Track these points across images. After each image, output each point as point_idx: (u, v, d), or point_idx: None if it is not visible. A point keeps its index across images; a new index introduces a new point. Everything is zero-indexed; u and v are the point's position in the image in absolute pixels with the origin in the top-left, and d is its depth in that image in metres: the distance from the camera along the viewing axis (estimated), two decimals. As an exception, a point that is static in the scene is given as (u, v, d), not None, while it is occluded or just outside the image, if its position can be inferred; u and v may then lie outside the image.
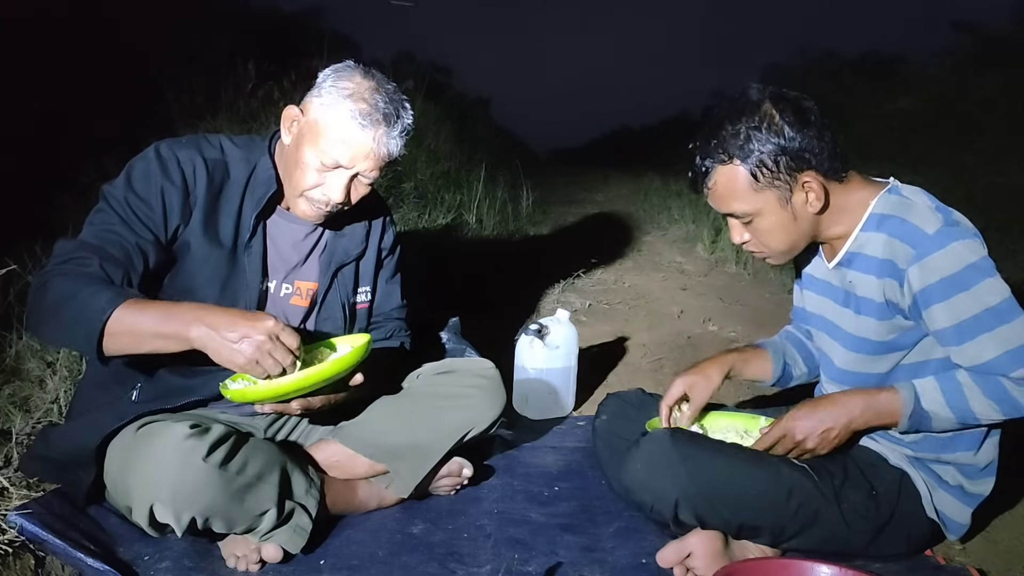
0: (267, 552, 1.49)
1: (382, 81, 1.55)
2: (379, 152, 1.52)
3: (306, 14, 7.22)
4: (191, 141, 1.57)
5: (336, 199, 1.54)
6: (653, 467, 1.47)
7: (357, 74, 1.53)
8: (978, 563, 1.60)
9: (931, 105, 6.97)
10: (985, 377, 1.37)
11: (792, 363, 1.78)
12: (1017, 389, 1.35)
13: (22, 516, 1.45)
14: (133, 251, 1.44)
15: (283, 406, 1.46)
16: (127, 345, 1.33)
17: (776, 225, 1.46)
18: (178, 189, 1.50)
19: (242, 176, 1.58)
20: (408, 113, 1.56)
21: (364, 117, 1.49)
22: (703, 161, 1.45)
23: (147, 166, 1.50)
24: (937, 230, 1.36)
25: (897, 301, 1.43)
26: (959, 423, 1.41)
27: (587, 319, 3.18)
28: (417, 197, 4.12)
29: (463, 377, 1.77)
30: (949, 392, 1.39)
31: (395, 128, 1.53)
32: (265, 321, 1.33)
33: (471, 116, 7.18)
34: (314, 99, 1.53)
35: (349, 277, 1.72)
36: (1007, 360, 1.34)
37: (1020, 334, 1.34)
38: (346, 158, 1.50)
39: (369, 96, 1.50)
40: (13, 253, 1.98)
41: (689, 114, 12.05)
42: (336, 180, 1.53)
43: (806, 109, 1.41)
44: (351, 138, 1.49)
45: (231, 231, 1.56)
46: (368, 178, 1.55)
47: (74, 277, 1.35)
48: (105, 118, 3.69)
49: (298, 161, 1.53)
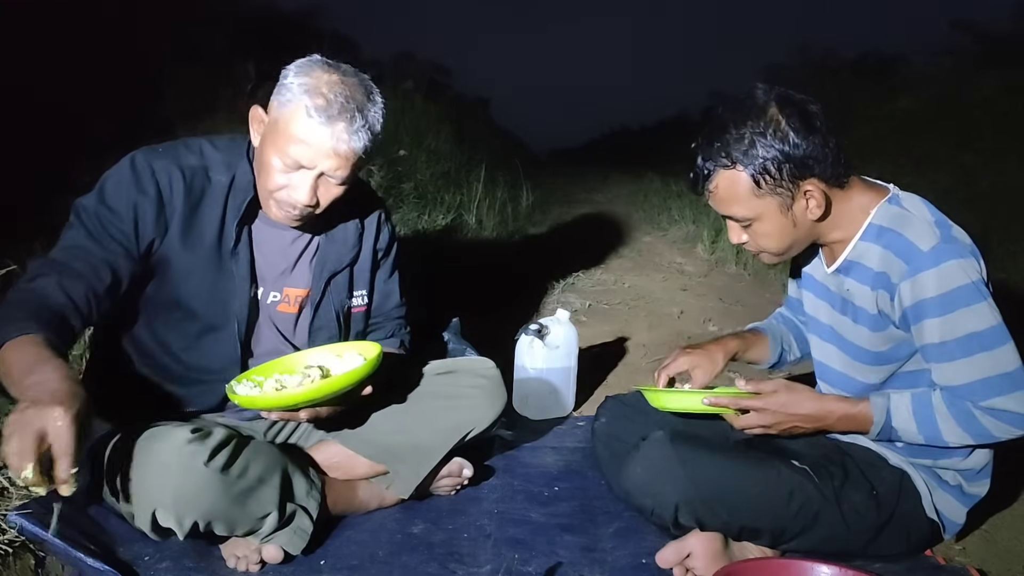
0: (268, 553, 1.49)
1: (348, 73, 1.46)
2: (340, 149, 1.42)
3: (305, 14, 7.21)
4: (168, 149, 1.51)
5: (302, 200, 1.45)
6: (653, 471, 1.47)
7: (317, 68, 1.44)
8: (977, 563, 1.60)
9: (931, 105, 6.95)
10: (957, 402, 1.38)
11: (788, 348, 1.83)
12: (986, 418, 1.36)
13: (22, 516, 1.45)
14: (100, 265, 1.38)
15: (291, 414, 1.45)
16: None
17: (775, 230, 1.46)
18: (152, 202, 1.44)
19: (223, 181, 1.52)
20: (376, 106, 1.47)
21: (320, 113, 1.39)
22: (705, 163, 1.44)
23: (120, 179, 1.45)
24: (932, 247, 1.36)
25: (889, 313, 1.44)
26: (927, 443, 1.43)
27: (587, 319, 3.18)
28: (417, 197, 4.12)
29: (463, 377, 1.76)
30: (920, 415, 1.41)
31: (355, 123, 1.42)
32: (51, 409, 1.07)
33: (471, 116, 7.18)
34: (275, 98, 1.46)
35: (343, 284, 1.68)
36: (979, 388, 1.35)
37: (998, 363, 1.34)
38: (305, 157, 1.42)
39: (328, 90, 1.41)
40: (13, 253, 1.97)
41: (688, 114, 12.03)
42: (300, 181, 1.45)
43: (812, 114, 1.39)
44: (308, 136, 1.40)
45: (215, 237, 1.51)
46: (335, 178, 1.46)
47: (19, 296, 1.29)
48: (105, 118, 3.69)
49: (263, 163, 1.46)
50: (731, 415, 1.52)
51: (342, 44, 6.57)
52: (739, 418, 1.50)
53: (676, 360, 1.69)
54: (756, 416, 1.48)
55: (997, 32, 7.71)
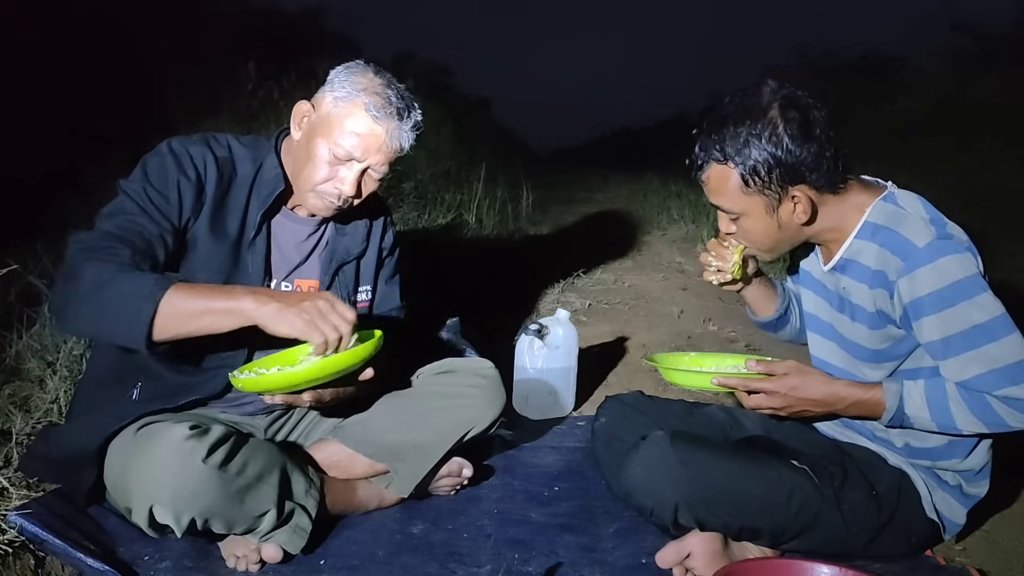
0: (267, 552, 1.49)
1: (392, 79, 1.59)
2: (391, 145, 1.55)
3: (307, 14, 7.22)
4: (201, 139, 1.58)
5: (347, 192, 1.55)
6: (652, 471, 1.47)
7: (369, 71, 1.58)
8: (978, 563, 1.60)
9: (930, 105, 6.96)
10: (971, 392, 1.37)
11: (792, 310, 1.79)
12: (1001, 407, 1.35)
13: (22, 516, 1.45)
14: (156, 241, 1.45)
15: (294, 397, 1.46)
16: (177, 326, 1.33)
17: (759, 228, 1.47)
18: (192, 184, 1.51)
19: (248, 174, 1.59)
20: (417, 111, 1.60)
21: (378, 110, 1.52)
22: (700, 153, 1.46)
23: (162, 161, 1.51)
24: (928, 243, 1.36)
25: (888, 311, 1.44)
26: (940, 431, 1.43)
27: (587, 319, 3.18)
28: (417, 197, 4.12)
29: (463, 377, 1.77)
30: (934, 402, 1.40)
31: (407, 123, 1.56)
32: (321, 293, 1.39)
33: (471, 116, 7.18)
34: (328, 94, 1.56)
35: (350, 276, 1.73)
36: (993, 378, 1.35)
37: (1008, 352, 1.34)
38: (359, 150, 1.53)
39: (382, 91, 1.54)
40: (13, 253, 1.98)
41: (688, 115, 12.05)
42: (347, 173, 1.55)
43: (813, 122, 1.39)
44: (365, 130, 1.52)
45: (236, 229, 1.57)
46: (378, 172, 1.57)
47: (107, 265, 1.35)
48: (106, 118, 3.69)
49: (310, 155, 1.55)
50: (740, 394, 1.51)
51: (343, 44, 6.57)
52: (749, 398, 1.50)
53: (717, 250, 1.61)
54: (766, 398, 1.48)
55: (997, 32, 7.70)
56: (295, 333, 1.34)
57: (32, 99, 3.50)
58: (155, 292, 1.30)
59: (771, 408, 1.50)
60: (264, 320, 1.32)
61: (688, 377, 1.60)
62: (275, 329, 1.33)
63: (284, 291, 1.46)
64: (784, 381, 1.47)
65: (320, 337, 1.34)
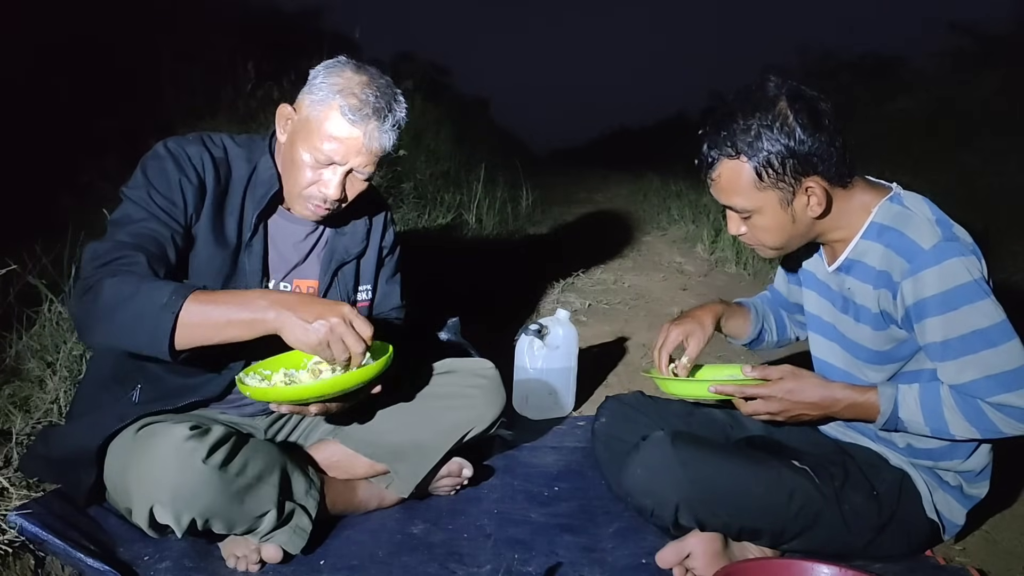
0: (267, 552, 1.49)
1: (375, 75, 1.53)
2: (371, 147, 1.51)
3: (306, 14, 7.21)
4: (196, 138, 1.56)
5: (332, 196, 1.53)
6: (653, 471, 1.47)
7: (348, 69, 1.52)
8: (978, 563, 1.60)
9: (931, 105, 6.95)
10: (965, 397, 1.37)
11: (768, 329, 1.84)
12: (995, 413, 1.35)
13: (22, 516, 1.45)
14: (168, 244, 1.45)
15: (301, 408, 1.46)
16: (199, 337, 1.33)
17: (773, 224, 1.46)
18: (194, 184, 1.50)
19: (243, 175, 1.58)
20: (401, 106, 1.55)
21: (354, 112, 1.48)
22: (710, 151, 1.43)
23: (162, 163, 1.50)
24: (934, 245, 1.35)
25: (891, 312, 1.43)
26: (933, 435, 1.43)
27: (587, 319, 3.18)
28: (417, 197, 4.12)
29: (463, 377, 1.77)
30: (928, 407, 1.41)
31: (386, 122, 1.51)
32: (341, 306, 1.35)
33: (471, 116, 7.18)
34: (306, 96, 1.52)
35: (350, 275, 1.72)
36: (988, 385, 1.35)
37: (1005, 359, 1.34)
38: (339, 154, 1.50)
39: (359, 91, 1.49)
40: (13, 253, 1.98)
41: (688, 115, 12.06)
42: (331, 177, 1.52)
43: (821, 112, 1.39)
44: (343, 134, 1.48)
45: (234, 230, 1.56)
46: (363, 173, 1.54)
47: (126, 276, 1.34)
48: (105, 118, 3.69)
49: (293, 159, 1.53)
50: (738, 401, 1.51)
51: (343, 44, 6.56)
52: (746, 404, 1.50)
53: (668, 335, 1.66)
54: (762, 403, 1.48)
55: (997, 32, 7.70)
56: (310, 351, 1.34)
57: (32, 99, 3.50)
58: (173, 303, 1.30)
59: (768, 413, 1.50)
60: (284, 333, 1.33)
61: (685, 387, 1.60)
62: (294, 343, 1.33)
63: (302, 296, 1.43)
64: (780, 385, 1.47)
65: (330, 357, 1.34)
